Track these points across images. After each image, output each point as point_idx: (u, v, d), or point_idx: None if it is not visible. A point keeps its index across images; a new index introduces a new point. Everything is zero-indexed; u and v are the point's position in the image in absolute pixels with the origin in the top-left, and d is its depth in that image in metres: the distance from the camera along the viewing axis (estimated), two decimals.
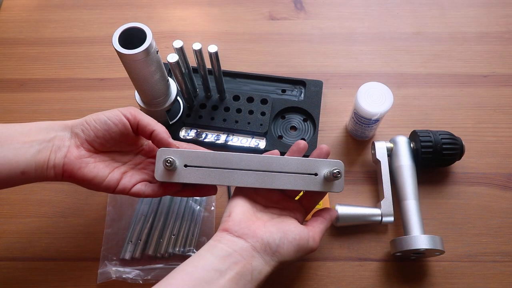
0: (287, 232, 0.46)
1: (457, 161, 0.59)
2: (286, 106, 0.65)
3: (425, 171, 0.60)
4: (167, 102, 0.59)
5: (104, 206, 0.59)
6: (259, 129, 0.62)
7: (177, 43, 0.56)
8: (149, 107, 0.59)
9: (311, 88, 0.66)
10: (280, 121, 0.65)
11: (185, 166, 0.47)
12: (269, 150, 0.61)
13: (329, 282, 0.55)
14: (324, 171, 0.48)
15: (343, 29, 0.74)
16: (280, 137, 0.64)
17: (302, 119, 0.65)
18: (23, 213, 0.59)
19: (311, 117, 0.64)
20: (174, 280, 0.41)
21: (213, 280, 0.41)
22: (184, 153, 0.47)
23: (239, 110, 0.64)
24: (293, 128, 0.65)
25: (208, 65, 0.59)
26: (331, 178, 0.47)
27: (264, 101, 0.64)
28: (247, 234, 0.45)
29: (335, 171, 0.46)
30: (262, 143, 0.62)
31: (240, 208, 0.47)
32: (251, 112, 0.64)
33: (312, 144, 0.62)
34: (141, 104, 0.59)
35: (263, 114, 0.63)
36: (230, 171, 0.47)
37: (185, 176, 0.47)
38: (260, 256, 0.44)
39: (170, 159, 0.45)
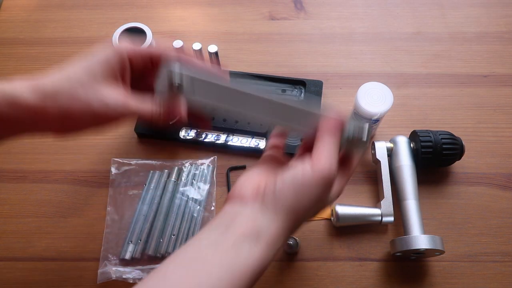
0: (284, 173, 0.37)
1: (457, 161, 0.59)
2: None
3: (425, 171, 0.60)
4: None
5: (104, 206, 0.59)
6: (259, 129, 0.62)
7: (177, 43, 0.56)
8: None
9: (311, 88, 0.66)
10: None
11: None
12: None
13: (329, 282, 0.55)
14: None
15: (343, 29, 0.74)
16: None
17: None
18: (23, 213, 0.59)
19: None
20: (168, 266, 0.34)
21: (212, 251, 0.34)
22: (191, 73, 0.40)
23: None
24: None
25: None
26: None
27: None
28: (245, 194, 0.37)
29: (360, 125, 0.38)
30: (262, 143, 0.62)
31: (244, 176, 0.40)
32: None
33: None
34: None
35: None
36: (242, 101, 0.40)
37: (190, 92, 0.40)
38: (261, 210, 0.36)
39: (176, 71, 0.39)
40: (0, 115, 0.35)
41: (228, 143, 0.63)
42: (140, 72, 0.43)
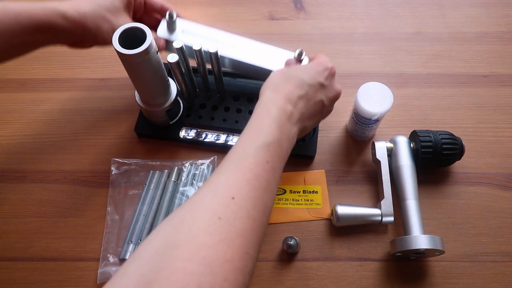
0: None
1: (457, 161, 0.59)
2: None
3: (425, 171, 0.60)
4: (167, 102, 0.59)
5: (104, 206, 0.59)
6: None
7: (177, 43, 0.55)
8: (149, 107, 0.59)
9: None
10: None
11: (183, 31, 0.59)
12: None
13: (329, 282, 0.55)
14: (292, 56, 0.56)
15: (343, 29, 0.74)
16: None
17: None
18: (23, 213, 0.59)
19: None
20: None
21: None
22: (184, 22, 0.59)
23: (239, 110, 0.64)
24: None
25: (208, 65, 0.59)
26: (298, 60, 0.55)
27: None
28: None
29: (298, 51, 0.54)
30: None
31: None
32: (251, 112, 0.63)
33: (312, 144, 0.62)
34: (141, 104, 0.59)
35: None
36: (219, 43, 0.58)
37: (180, 37, 0.58)
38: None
39: (172, 13, 0.57)
40: (55, 24, 0.49)
41: (228, 143, 0.63)
42: (136, 9, 0.59)
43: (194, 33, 0.59)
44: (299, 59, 0.55)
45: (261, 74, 0.57)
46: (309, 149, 0.61)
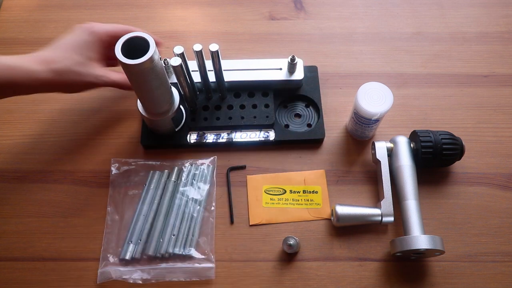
0: None
1: (457, 161, 0.59)
2: (287, 96, 0.66)
3: (425, 171, 0.60)
4: (172, 109, 0.58)
5: (104, 206, 0.59)
6: (266, 121, 0.62)
7: (178, 49, 0.55)
8: (155, 117, 0.58)
9: (307, 74, 0.67)
10: (284, 110, 0.66)
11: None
12: (279, 141, 0.62)
13: (329, 282, 0.55)
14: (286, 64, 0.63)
15: (343, 29, 0.74)
16: (287, 126, 0.64)
17: (304, 105, 0.66)
18: (23, 213, 0.59)
19: (312, 102, 0.65)
20: None
21: None
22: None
23: (242, 106, 0.64)
24: (298, 115, 0.65)
25: (209, 66, 0.59)
26: (290, 65, 0.60)
27: (265, 94, 0.65)
28: None
29: (291, 57, 0.59)
30: (271, 134, 0.63)
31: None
32: (254, 106, 0.64)
33: (320, 128, 0.63)
34: (146, 115, 0.58)
35: (266, 106, 0.64)
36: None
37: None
38: None
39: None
40: (27, 86, 0.51)
41: (234, 139, 0.62)
42: (109, 46, 0.56)
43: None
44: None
45: (262, 86, 0.64)
46: (318, 133, 0.63)
